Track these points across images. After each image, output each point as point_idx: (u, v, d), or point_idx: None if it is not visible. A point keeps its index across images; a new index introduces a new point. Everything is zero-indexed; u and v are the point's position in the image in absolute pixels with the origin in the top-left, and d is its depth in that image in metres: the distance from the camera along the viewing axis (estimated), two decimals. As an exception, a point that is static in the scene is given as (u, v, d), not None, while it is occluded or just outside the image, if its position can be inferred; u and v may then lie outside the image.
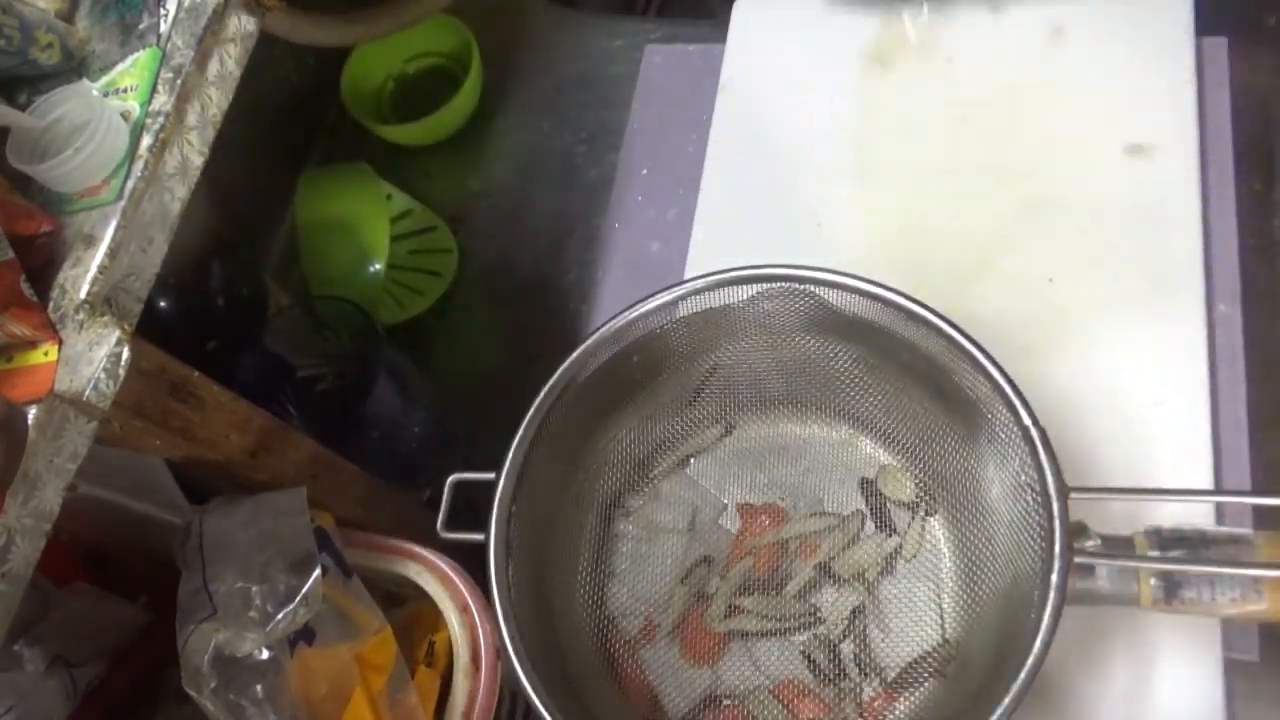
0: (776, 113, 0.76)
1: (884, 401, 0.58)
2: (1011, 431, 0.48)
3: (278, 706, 0.45)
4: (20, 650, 0.50)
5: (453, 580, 0.54)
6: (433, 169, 0.89)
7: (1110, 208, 0.66)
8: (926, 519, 0.57)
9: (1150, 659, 0.55)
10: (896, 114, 0.73)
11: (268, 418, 0.51)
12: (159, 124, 0.43)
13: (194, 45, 0.45)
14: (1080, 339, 0.62)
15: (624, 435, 0.62)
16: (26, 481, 0.38)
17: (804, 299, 0.55)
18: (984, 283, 0.65)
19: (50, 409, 0.38)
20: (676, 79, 0.84)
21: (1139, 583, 0.46)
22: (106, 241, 0.41)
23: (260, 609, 0.46)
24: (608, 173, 0.83)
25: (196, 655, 0.45)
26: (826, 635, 0.56)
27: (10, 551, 0.37)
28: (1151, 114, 0.67)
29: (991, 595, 0.52)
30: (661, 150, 0.81)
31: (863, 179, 0.72)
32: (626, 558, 0.61)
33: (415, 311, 0.82)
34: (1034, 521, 0.47)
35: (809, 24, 0.78)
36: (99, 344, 0.40)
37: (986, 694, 0.45)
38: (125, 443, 0.44)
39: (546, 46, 0.91)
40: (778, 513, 0.60)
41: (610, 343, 0.56)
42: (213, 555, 0.49)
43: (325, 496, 0.55)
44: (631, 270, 0.78)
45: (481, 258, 0.84)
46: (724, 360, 0.61)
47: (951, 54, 0.73)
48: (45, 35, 0.46)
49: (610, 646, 0.58)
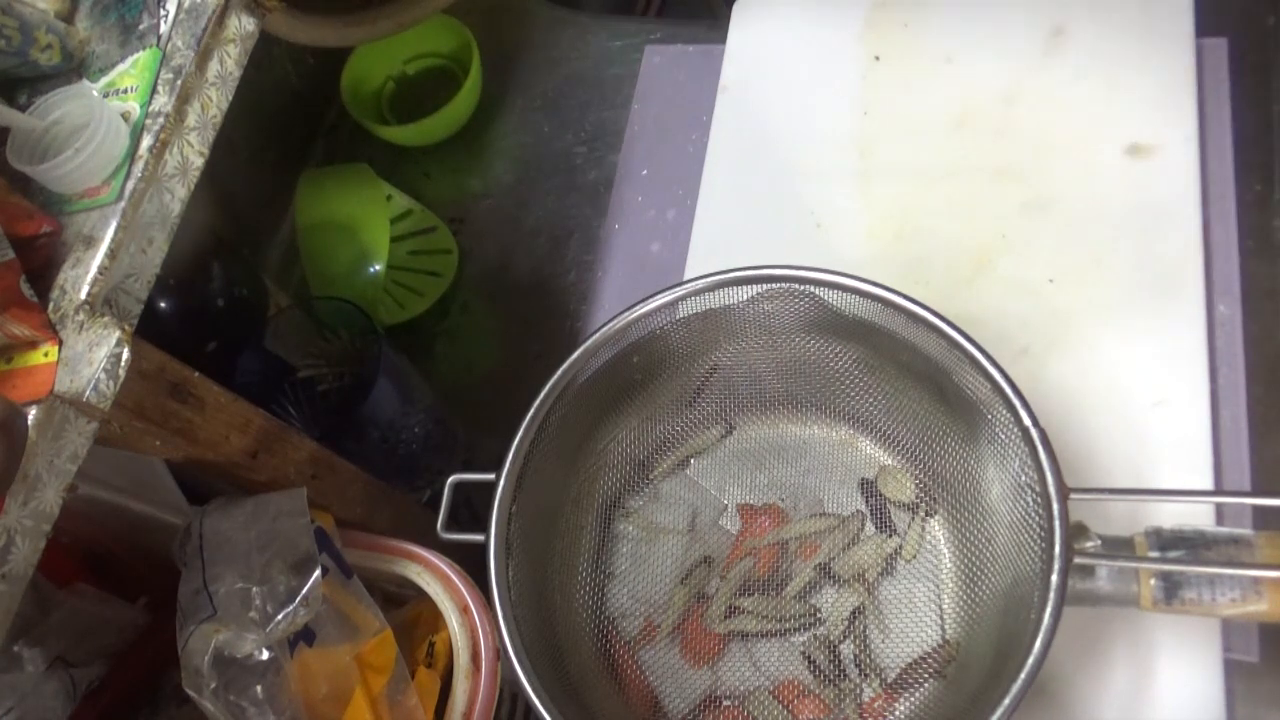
0: (776, 113, 0.76)
1: (884, 402, 0.58)
2: (1011, 432, 0.48)
3: (278, 707, 0.45)
4: (20, 650, 0.50)
5: (453, 581, 0.54)
6: (433, 170, 0.89)
7: (1110, 208, 0.66)
8: (926, 520, 0.57)
9: (1150, 659, 0.55)
10: (896, 114, 0.73)
11: (268, 418, 0.51)
12: (159, 124, 0.43)
13: (194, 46, 0.45)
14: (1080, 339, 0.62)
15: (624, 436, 0.62)
16: (26, 482, 0.38)
17: (804, 299, 0.55)
18: (984, 283, 0.65)
19: (50, 410, 0.38)
20: (676, 79, 0.84)
21: (1139, 583, 0.46)
22: (106, 242, 0.41)
23: (260, 609, 0.46)
24: (608, 173, 0.83)
25: (196, 655, 0.45)
26: (826, 636, 0.56)
27: (10, 552, 0.37)
28: (1151, 114, 0.67)
29: (991, 596, 0.52)
30: (661, 150, 0.81)
31: (863, 179, 0.72)
32: (626, 558, 0.61)
33: (415, 312, 0.82)
34: (1034, 522, 0.47)
35: (809, 24, 0.78)
36: (99, 345, 0.40)
37: (986, 694, 0.45)
38: (125, 443, 0.44)
39: (546, 46, 0.91)
40: (778, 513, 0.60)
41: (610, 343, 0.56)
42: (213, 556, 0.49)
43: (325, 497, 0.55)
44: (631, 270, 0.78)
45: (481, 258, 0.84)
46: (724, 361, 0.61)
47: (951, 54, 0.73)
48: (45, 36, 0.46)
49: (610, 647, 0.58)
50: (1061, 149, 0.68)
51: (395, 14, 0.69)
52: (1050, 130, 0.69)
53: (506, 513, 0.53)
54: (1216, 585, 0.45)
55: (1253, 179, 0.66)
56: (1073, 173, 0.68)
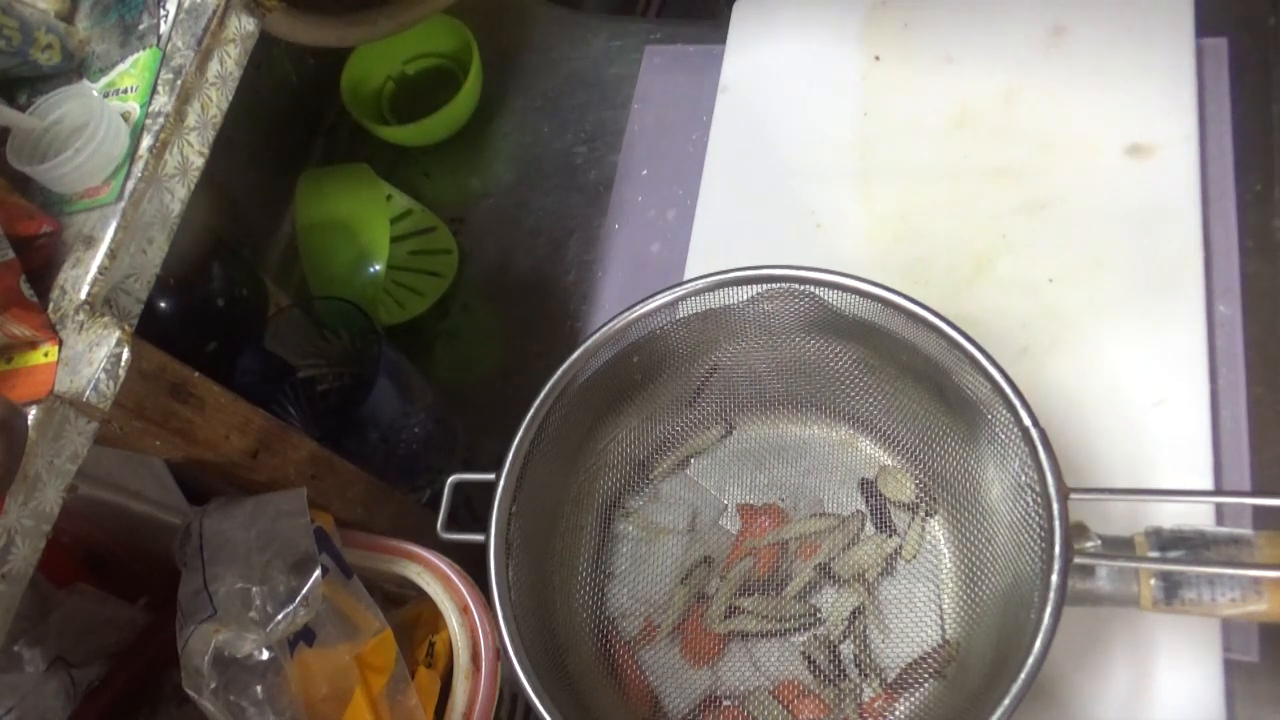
0: (776, 113, 0.76)
1: (884, 402, 0.58)
2: (1011, 432, 0.48)
3: (278, 707, 0.45)
4: (20, 650, 0.50)
5: (453, 581, 0.54)
6: (433, 170, 0.89)
7: (1110, 208, 0.66)
8: (926, 520, 0.57)
9: (1150, 659, 0.55)
10: (896, 114, 0.73)
11: (268, 418, 0.51)
12: (159, 124, 0.43)
13: (194, 46, 0.45)
14: (1080, 339, 0.62)
15: (624, 436, 0.62)
16: (26, 482, 0.38)
17: (804, 299, 0.55)
18: (984, 283, 0.65)
19: (50, 410, 0.38)
20: (676, 79, 0.84)
21: (1139, 583, 0.46)
22: (106, 242, 0.41)
23: (260, 609, 0.46)
24: (608, 173, 0.83)
25: (196, 656, 0.45)
26: (826, 636, 0.56)
27: (10, 552, 0.37)
28: (1151, 114, 0.67)
29: (991, 596, 0.52)
30: (661, 150, 0.81)
31: (863, 179, 0.72)
32: (626, 558, 0.61)
33: (415, 312, 0.82)
34: (1034, 522, 0.47)
35: (809, 24, 0.78)
36: (99, 345, 0.40)
37: (986, 694, 0.45)
38: (125, 443, 0.44)
39: (546, 47, 0.91)
40: (778, 513, 0.60)
41: (610, 343, 0.56)
42: (213, 556, 0.49)
43: (325, 497, 0.55)
44: (631, 270, 0.78)
45: (481, 258, 0.84)
46: (724, 361, 0.61)
47: (951, 54, 0.73)
48: (45, 36, 0.46)
49: (610, 647, 0.58)
50: (1061, 149, 0.68)
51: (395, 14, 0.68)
52: (1050, 130, 0.69)
53: (506, 513, 0.53)
54: (1216, 585, 0.45)
55: (1253, 179, 0.66)
56: (1073, 173, 0.68)
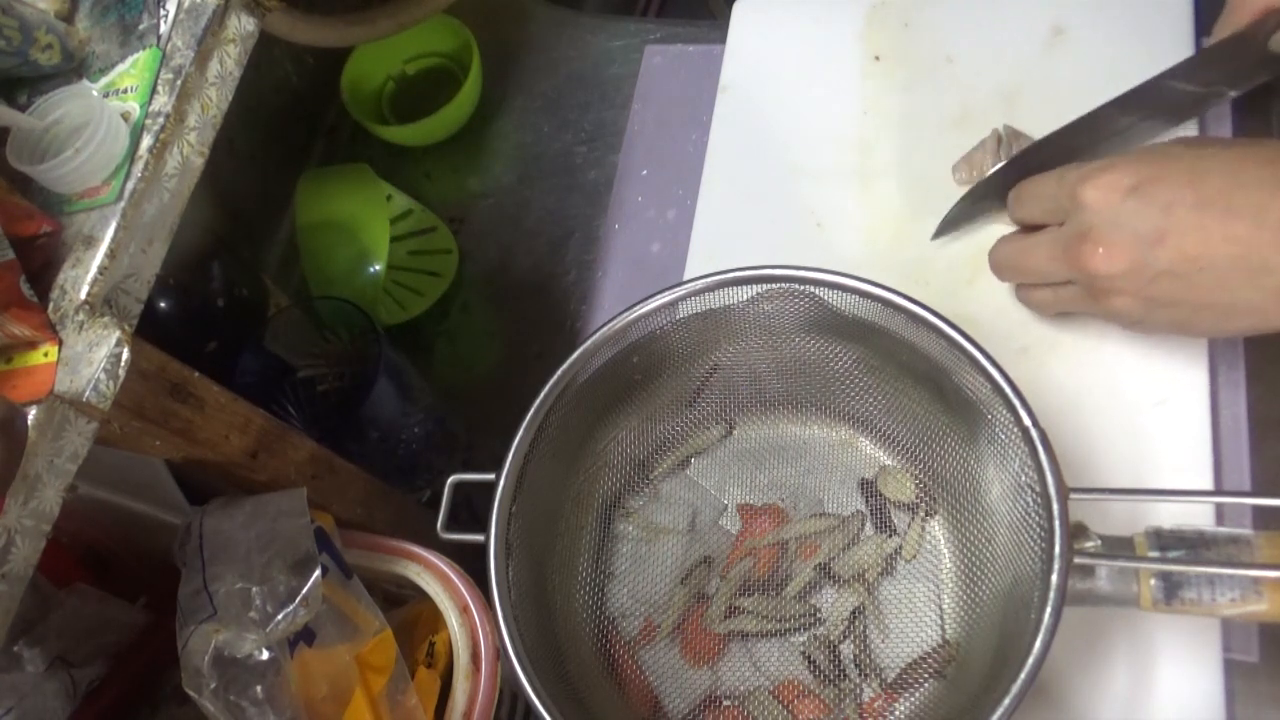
0: (776, 113, 0.76)
1: (884, 402, 0.58)
2: (1011, 432, 0.48)
3: (278, 707, 0.45)
4: (20, 650, 0.50)
5: (453, 581, 0.54)
6: (433, 170, 0.89)
7: (1110, 208, 0.65)
8: (926, 520, 0.57)
9: (1150, 659, 0.55)
10: (896, 114, 0.73)
11: (268, 418, 0.51)
12: (159, 124, 0.43)
13: (194, 46, 0.45)
14: (1080, 339, 0.62)
15: (624, 436, 0.62)
16: (26, 482, 0.38)
17: (804, 300, 0.55)
18: (984, 283, 0.65)
19: (50, 410, 0.38)
20: (676, 79, 0.84)
21: (1139, 583, 0.46)
22: (106, 242, 0.41)
23: (260, 609, 0.46)
24: (608, 173, 0.83)
25: (196, 655, 0.45)
26: (826, 636, 0.56)
27: (10, 552, 0.37)
28: (1151, 114, 0.67)
29: (991, 596, 0.52)
30: (661, 150, 0.81)
31: (863, 179, 0.72)
32: (626, 558, 0.61)
33: (415, 312, 0.82)
34: (1034, 522, 0.47)
35: (809, 24, 0.78)
36: (99, 345, 0.40)
37: (986, 694, 0.45)
38: (125, 443, 0.44)
39: (546, 46, 0.91)
40: (778, 513, 0.60)
41: (610, 343, 0.56)
42: (213, 556, 0.49)
43: (325, 497, 0.55)
44: (631, 270, 0.78)
45: (481, 258, 0.84)
46: (724, 361, 0.61)
47: (951, 54, 0.73)
48: (45, 36, 0.46)
49: (610, 647, 0.58)
50: (1061, 149, 0.68)
51: (395, 14, 0.68)
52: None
53: (506, 513, 0.53)
54: (1216, 585, 0.45)
55: (1253, 179, 0.66)
56: (1073, 173, 0.67)
